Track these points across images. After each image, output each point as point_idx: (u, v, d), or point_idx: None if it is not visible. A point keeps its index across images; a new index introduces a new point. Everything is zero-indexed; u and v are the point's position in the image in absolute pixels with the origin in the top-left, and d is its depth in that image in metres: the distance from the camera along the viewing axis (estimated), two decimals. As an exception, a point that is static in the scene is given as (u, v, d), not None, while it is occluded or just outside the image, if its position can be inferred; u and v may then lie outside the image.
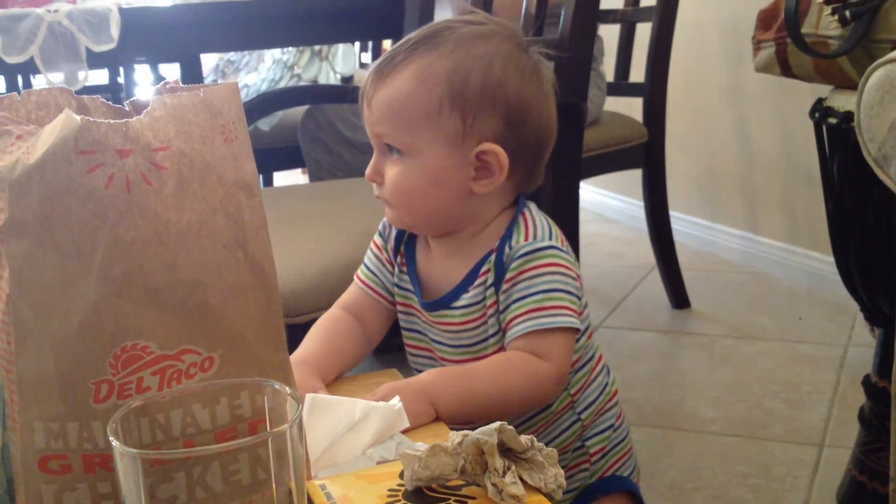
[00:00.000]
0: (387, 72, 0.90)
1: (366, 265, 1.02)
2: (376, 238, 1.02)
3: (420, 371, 0.98)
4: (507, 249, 0.91)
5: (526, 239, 0.91)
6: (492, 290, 0.92)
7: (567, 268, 0.90)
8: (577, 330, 0.90)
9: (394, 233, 1.00)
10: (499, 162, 0.90)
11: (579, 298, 0.92)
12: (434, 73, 0.88)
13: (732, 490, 1.47)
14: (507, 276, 0.90)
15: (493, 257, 0.92)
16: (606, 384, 1.02)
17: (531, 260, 0.90)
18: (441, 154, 0.89)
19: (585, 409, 0.99)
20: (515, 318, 0.89)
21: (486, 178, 0.91)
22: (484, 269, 0.92)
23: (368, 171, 0.94)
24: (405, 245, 1.00)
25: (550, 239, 0.92)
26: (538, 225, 0.93)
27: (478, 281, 0.92)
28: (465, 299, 0.93)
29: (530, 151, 0.93)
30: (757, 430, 1.66)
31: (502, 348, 0.92)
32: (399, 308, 1.00)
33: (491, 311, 0.92)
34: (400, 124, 0.90)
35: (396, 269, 1.00)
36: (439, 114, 0.88)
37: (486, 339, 0.93)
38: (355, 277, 1.02)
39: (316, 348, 0.95)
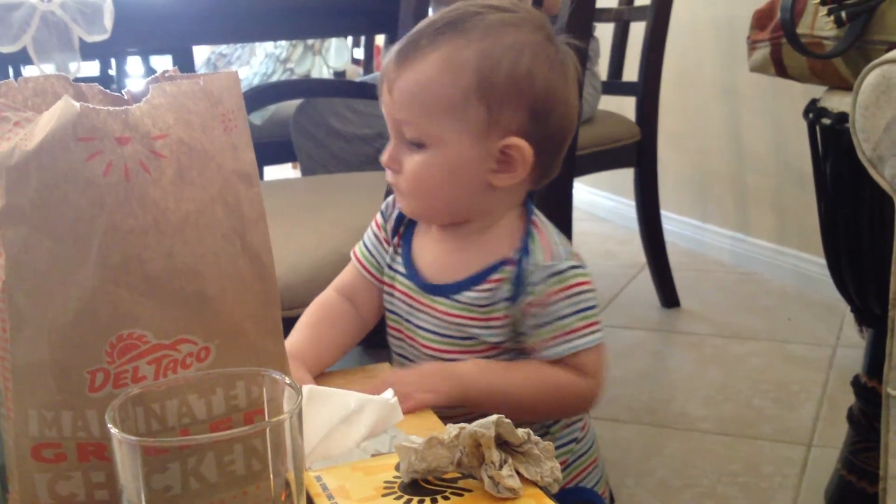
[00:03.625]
0: (411, 56, 0.86)
1: (364, 243, 1.00)
2: (377, 216, 1.00)
3: (399, 354, 0.97)
4: (528, 267, 0.89)
5: (547, 259, 0.89)
6: (506, 304, 0.90)
7: (588, 283, 0.90)
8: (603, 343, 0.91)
9: (395, 214, 0.98)
10: (523, 157, 0.87)
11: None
12: (462, 60, 0.85)
13: (721, 488, 1.48)
14: (532, 298, 0.88)
15: (508, 269, 0.90)
16: None
17: (557, 283, 0.89)
18: (463, 145, 0.86)
19: (555, 421, 0.97)
20: (550, 339, 0.88)
21: (507, 173, 0.88)
22: (496, 276, 0.90)
23: (385, 157, 0.91)
24: (404, 227, 0.98)
25: (569, 257, 0.91)
26: (552, 242, 0.92)
27: (486, 285, 0.90)
28: (467, 297, 0.91)
29: (553, 145, 0.90)
30: (746, 429, 1.66)
31: (492, 347, 0.91)
32: (384, 288, 0.98)
33: (496, 323, 0.90)
34: (423, 112, 0.86)
35: (392, 249, 0.98)
36: (465, 104, 0.85)
37: (475, 338, 0.92)
38: (352, 254, 1.00)
39: (304, 339, 0.93)
